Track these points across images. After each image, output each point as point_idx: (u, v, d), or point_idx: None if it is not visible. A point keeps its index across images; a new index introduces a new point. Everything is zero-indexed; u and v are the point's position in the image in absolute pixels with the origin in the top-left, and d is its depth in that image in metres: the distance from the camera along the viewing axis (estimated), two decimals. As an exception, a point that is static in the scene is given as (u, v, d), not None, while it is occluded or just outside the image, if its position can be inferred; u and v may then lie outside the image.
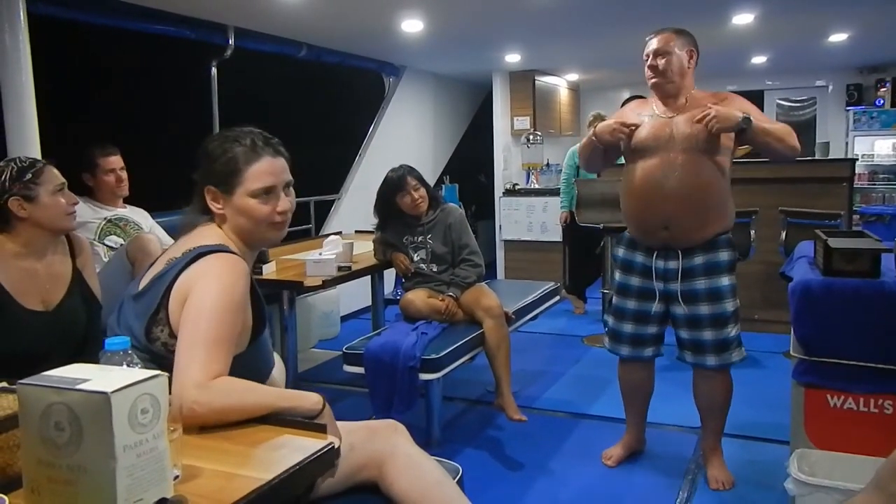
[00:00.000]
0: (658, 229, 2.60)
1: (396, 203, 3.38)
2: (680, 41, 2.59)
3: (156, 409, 0.93)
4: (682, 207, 2.53)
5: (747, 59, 6.79)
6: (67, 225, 2.11)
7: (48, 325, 2.03)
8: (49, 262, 2.10)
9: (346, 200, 5.97)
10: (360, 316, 5.71)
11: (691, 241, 2.58)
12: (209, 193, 1.55)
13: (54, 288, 2.10)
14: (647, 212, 2.62)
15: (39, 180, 2.01)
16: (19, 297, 2.00)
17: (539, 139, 6.99)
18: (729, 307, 2.60)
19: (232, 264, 1.46)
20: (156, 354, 1.43)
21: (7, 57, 2.89)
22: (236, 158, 1.53)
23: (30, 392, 0.92)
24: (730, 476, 2.74)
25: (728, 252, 2.61)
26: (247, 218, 1.55)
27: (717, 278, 2.58)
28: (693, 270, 2.59)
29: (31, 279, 2.04)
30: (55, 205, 2.03)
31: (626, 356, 2.83)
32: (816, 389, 2.13)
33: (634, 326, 2.76)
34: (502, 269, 6.91)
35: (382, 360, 3.01)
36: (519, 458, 3.07)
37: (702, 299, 2.59)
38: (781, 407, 2.55)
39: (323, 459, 1.21)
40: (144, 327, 1.44)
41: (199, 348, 1.33)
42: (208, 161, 1.55)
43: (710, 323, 2.60)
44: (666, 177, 2.53)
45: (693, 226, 2.56)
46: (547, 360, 4.53)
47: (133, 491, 0.90)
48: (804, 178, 4.75)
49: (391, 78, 6.46)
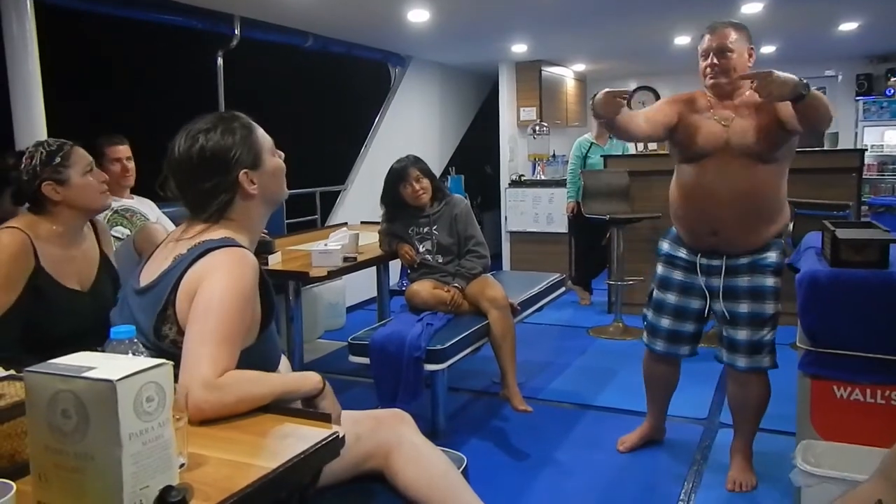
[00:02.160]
0: (706, 235, 2.53)
1: (400, 193, 3.38)
2: (741, 38, 2.46)
3: (161, 397, 0.94)
4: (732, 216, 2.44)
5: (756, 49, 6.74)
6: (102, 203, 2.12)
7: (87, 305, 2.05)
8: (83, 245, 2.13)
9: (352, 191, 5.97)
10: (365, 307, 5.72)
11: (738, 247, 2.50)
12: (246, 177, 1.52)
13: (88, 270, 2.12)
14: (697, 217, 2.54)
15: (69, 162, 2.02)
16: (60, 278, 2.02)
17: (545, 130, 6.97)
18: (769, 309, 2.51)
19: (240, 257, 1.44)
20: (164, 352, 1.41)
21: (14, 46, 2.90)
22: (246, 122, 1.56)
23: (37, 380, 0.93)
24: (751, 479, 2.66)
25: (777, 254, 2.51)
26: (279, 179, 1.62)
27: (761, 277, 2.50)
28: (737, 268, 2.51)
29: (69, 261, 2.06)
30: (88, 185, 2.04)
31: (661, 352, 2.76)
32: (823, 380, 2.12)
33: (672, 322, 2.70)
34: (508, 260, 6.91)
35: (388, 350, 3.02)
36: (524, 449, 3.07)
37: (742, 297, 2.51)
38: (786, 398, 2.54)
39: (328, 448, 1.21)
40: (153, 325, 1.44)
41: (208, 345, 1.32)
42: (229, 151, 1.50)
43: (747, 322, 2.51)
44: (717, 184, 2.43)
45: (742, 234, 2.48)
46: (552, 352, 4.53)
47: (139, 478, 0.90)
48: (812, 168, 4.71)
49: (397, 68, 6.45)
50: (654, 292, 2.76)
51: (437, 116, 7.17)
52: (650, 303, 2.79)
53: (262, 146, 1.56)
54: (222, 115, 1.58)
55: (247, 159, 1.52)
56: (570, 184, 5.70)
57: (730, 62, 2.44)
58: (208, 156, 1.49)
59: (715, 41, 2.45)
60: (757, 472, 2.73)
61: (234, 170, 1.50)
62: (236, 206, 1.53)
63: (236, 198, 1.53)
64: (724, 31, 2.45)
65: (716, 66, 2.45)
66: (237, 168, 1.51)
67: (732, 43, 2.43)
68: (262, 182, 1.55)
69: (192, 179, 1.51)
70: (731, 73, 2.44)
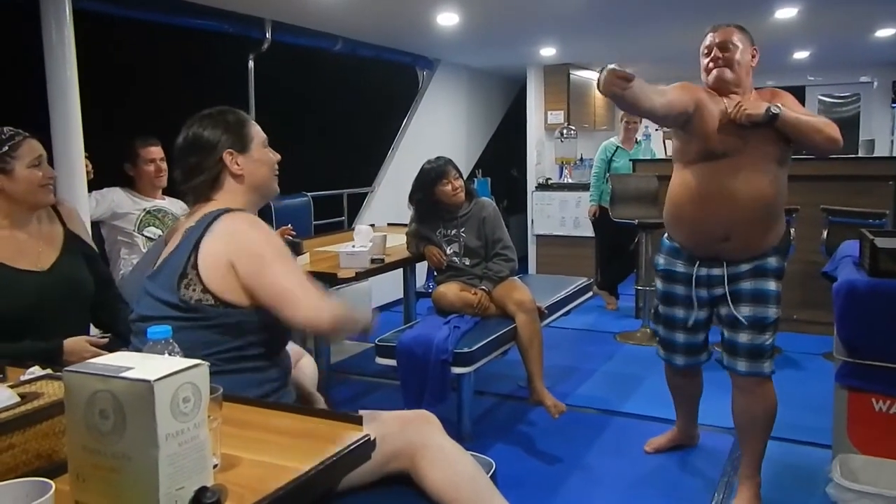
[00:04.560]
0: (715, 241, 2.42)
1: (435, 193, 3.36)
2: (744, 37, 2.43)
3: (197, 398, 0.94)
4: (748, 219, 2.36)
5: (789, 54, 6.63)
6: (42, 198, 2.04)
7: (44, 284, 2.01)
8: (35, 230, 2.08)
9: (379, 193, 5.99)
10: (391, 308, 5.73)
11: (743, 254, 2.43)
12: (231, 157, 1.66)
13: (46, 251, 2.07)
14: (708, 221, 2.41)
15: (16, 153, 1.97)
16: (8, 262, 1.98)
17: (573, 133, 6.93)
18: (771, 313, 2.44)
19: (254, 218, 1.62)
20: (192, 310, 1.52)
21: (53, 51, 2.95)
22: (241, 117, 1.72)
23: (75, 379, 0.94)
24: None
25: (776, 258, 2.45)
26: (266, 168, 1.73)
27: (763, 281, 2.44)
28: (739, 275, 2.45)
29: (17, 245, 2.02)
30: (30, 178, 1.99)
31: (682, 366, 2.72)
32: (861, 393, 2.08)
33: (687, 335, 2.65)
34: (534, 263, 6.88)
35: (415, 352, 3.02)
36: (551, 454, 3.05)
37: (745, 301, 2.45)
38: (821, 409, 2.50)
39: (360, 451, 1.21)
40: (175, 290, 1.54)
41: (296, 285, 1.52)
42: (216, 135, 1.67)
43: (748, 325, 2.45)
44: (737, 185, 2.33)
45: (753, 239, 2.40)
46: (579, 357, 4.49)
47: (175, 479, 0.90)
48: (847, 175, 4.63)
49: (425, 71, 6.46)
50: (660, 307, 2.70)
51: (464, 119, 7.17)
52: (658, 318, 2.73)
53: (252, 136, 1.71)
54: (220, 108, 1.74)
55: (234, 143, 1.68)
56: (594, 187, 5.66)
57: (734, 55, 2.40)
58: (197, 139, 1.68)
59: (718, 37, 2.43)
60: (791, 485, 2.67)
61: (219, 150, 1.66)
62: (225, 185, 1.68)
63: (223, 176, 1.67)
64: (727, 29, 2.44)
65: (719, 59, 2.41)
66: (222, 148, 1.66)
67: (735, 39, 2.41)
68: (247, 166, 1.68)
69: (183, 159, 1.69)
70: (734, 66, 2.40)
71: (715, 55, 2.42)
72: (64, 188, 2.81)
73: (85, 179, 3.04)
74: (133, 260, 3.14)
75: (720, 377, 2.93)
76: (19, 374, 1.43)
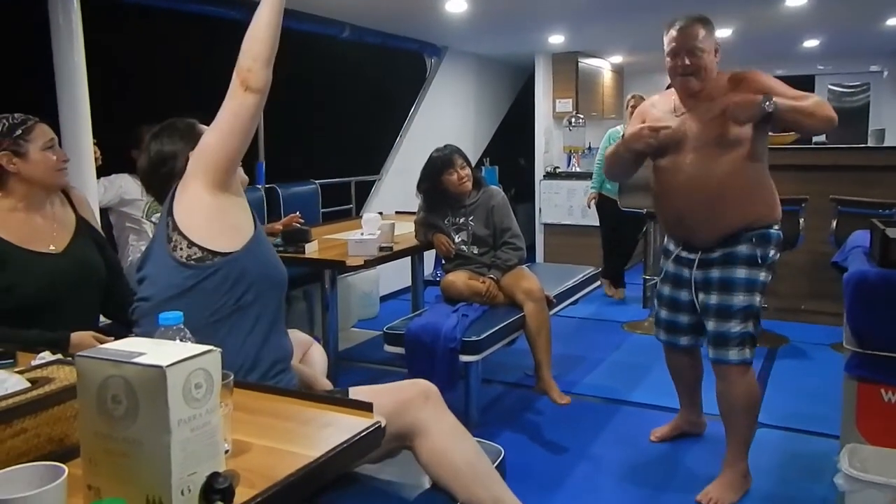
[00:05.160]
0: (674, 226, 2.63)
1: (442, 182, 3.36)
2: (708, 34, 2.45)
3: (209, 384, 0.94)
4: (694, 208, 2.47)
5: (798, 43, 6.58)
6: (58, 180, 2.10)
7: (60, 266, 2.04)
8: (49, 213, 2.11)
9: (387, 181, 5.98)
10: (399, 297, 5.74)
11: (708, 238, 2.50)
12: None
13: (60, 234, 2.11)
14: (664, 209, 2.64)
15: (30, 137, 2.01)
16: (20, 242, 2.00)
17: (581, 122, 6.90)
18: (738, 301, 2.46)
19: None
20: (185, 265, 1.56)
21: (60, 37, 2.95)
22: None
23: (88, 364, 0.94)
24: (730, 497, 2.51)
25: (748, 246, 2.46)
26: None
27: (731, 269, 2.47)
28: (710, 261, 2.52)
29: (33, 228, 2.05)
30: (45, 160, 2.02)
31: (663, 341, 2.82)
32: (870, 384, 2.07)
33: (668, 313, 2.74)
34: (542, 252, 6.87)
35: (423, 340, 3.02)
36: (558, 442, 3.06)
37: (713, 288, 2.51)
38: (828, 399, 2.49)
39: (370, 438, 1.22)
40: (169, 255, 1.57)
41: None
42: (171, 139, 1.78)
43: (714, 313, 2.51)
44: (676, 176, 2.48)
45: (705, 224, 2.48)
46: (586, 346, 4.49)
47: (187, 465, 0.91)
48: (857, 165, 4.59)
49: (433, 59, 6.43)
50: (658, 283, 2.82)
51: (472, 107, 7.14)
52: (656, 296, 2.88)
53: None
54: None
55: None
56: (596, 174, 5.61)
57: (700, 61, 2.43)
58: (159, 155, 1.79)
59: (683, 41, 2.43)
60: (797, 475, 2.67)
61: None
62: None
63: None
64: (692, 30, 2.43)
65: (688, 66, 2.44)
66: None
67: (701, 42, 2.42)
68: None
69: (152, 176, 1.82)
70: (701, 72, 2.43)
71: (683, 62, 2.44)
72: (72, 174, 2.79)
73: (93, 165, 3.04)
74: (141, 247, 3.15)
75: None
76: (30, 360, 1.43)
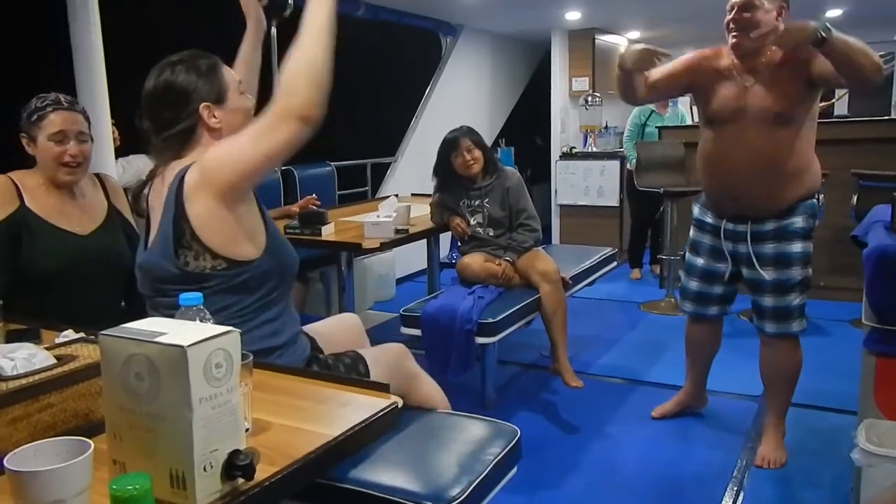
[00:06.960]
0: (727, 200, 2.55)
1: (451, 164, 3.37)
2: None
3: (229, 364, 0.96)
4: (751, 182, 2.43)
5: (821, 11, 6.43)
6: (57, 174, 2.04)
7: (82, 248, 2.06)
8: (80, 196, 2.12)
9: (403, 163, 5.98)
10: (415, 279, 5.76)
11: (762, 211, 2.49)
12: (208, 110, 1.59)
13: (89, 219, 2.12)
14: (716, 184, 2.56)
15: (41, 124, 2.01)
16: (49, 218, 2.03)
17: (598, 101, 6.83)
18: (796, 275, 2.50)
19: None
20: (202, 276, 1.50)
21: (77, 16, 2.94)
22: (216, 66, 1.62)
23: (111, 343, 0.96)
24: (781, 457, 2.62)
25: (803, 218, 2.48)
26: (243, 117, 1.63)
27: (787, 244, 2.48)
28: (763, 234, 2.50)
29: (62, 206, 2.07)
30: (47, 150, 2.01)
31: (690, 312, 2.81)
32: (889, 359, 2.06)
33: (700, 284, 2.73)
34: (558, 233, 6.85)
35: (440, 322, 3.04)
36: (574, 423, 3.07)
37: (768, 263, 2.50)
38: (846, 376, 2.48)
39: (387, 418, 1.24)
40: (172, 257, 1.50)
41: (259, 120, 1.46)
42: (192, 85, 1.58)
43: (771, 289, 2.51)
44: (735, 150, 2.42)
45: (763, 199, 2.46)
46: (602, 326, 4.49)
47: (209, 441, 0.93)
48: (879, 138, 4.52)
49: (448, 38, 6.39)
50: (686, 254, 2.79)
51: (487, 87, 7.10)
52: (684, 265, 2.84)
53: (227, 83, 1.63)
54: (192, 52, 1.64)
55: (208, 93, 1.59)
56: (629, 150, 5.57)
57: (752, 18, 2.31)
58: (170, 87, 1.58)
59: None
60: (814, 450, 2.67)
61: (194, 101, 1.57)
62: (201, 139, 1.60)
63: (199, 129, 1.59)
64: None
65: (738, 22, 2.33)
66: (197, 100, 1.58)
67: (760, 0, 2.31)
68: (225, 118, 1.60)
69: (156, 111, 1.60)
70: (752, 29, 2.32)
71: (734, 17, 2.35)
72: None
73: (112, 146, 3.06)
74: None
75: (742, 344, 2.93)
76: (53, 337, 1.47)
